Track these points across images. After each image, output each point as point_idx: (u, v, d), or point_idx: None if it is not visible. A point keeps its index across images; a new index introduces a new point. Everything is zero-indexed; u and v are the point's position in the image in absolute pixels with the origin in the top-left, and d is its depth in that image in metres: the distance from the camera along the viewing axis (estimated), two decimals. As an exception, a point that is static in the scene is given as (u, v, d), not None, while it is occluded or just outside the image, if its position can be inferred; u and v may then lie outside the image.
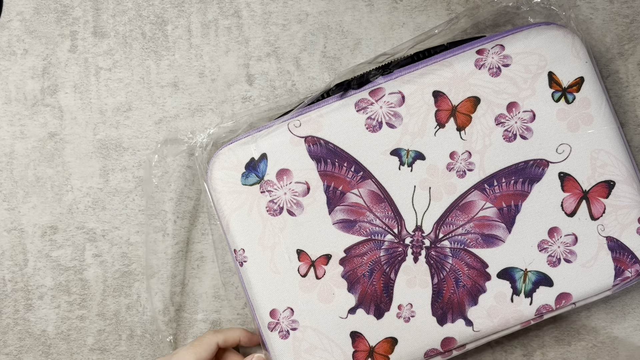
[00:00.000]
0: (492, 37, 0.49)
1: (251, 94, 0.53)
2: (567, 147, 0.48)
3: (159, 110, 0.53)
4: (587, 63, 0.48)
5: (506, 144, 0.48)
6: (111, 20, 0.53)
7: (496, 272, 0.48)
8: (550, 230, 0.48)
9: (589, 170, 0.48)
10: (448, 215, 0.49)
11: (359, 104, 0.48)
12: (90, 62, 0.53)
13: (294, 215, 0.49)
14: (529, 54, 0.48)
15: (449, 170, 0.48)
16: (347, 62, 0.53)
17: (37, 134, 0.53)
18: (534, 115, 0.48)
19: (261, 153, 0.49)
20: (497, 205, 0.48)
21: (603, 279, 0.48)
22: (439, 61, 0.48)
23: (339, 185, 0.49)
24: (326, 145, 0.49)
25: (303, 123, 0.49)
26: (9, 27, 0.53)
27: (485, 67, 0.48)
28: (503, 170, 0.48)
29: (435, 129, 0.48)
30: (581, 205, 0.48)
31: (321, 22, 0.53)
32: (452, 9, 0.53)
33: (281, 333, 0.49)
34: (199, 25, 0.53)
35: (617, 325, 0.53)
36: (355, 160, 0.49)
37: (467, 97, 0.48)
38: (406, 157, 0.48)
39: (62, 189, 0.53)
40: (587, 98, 0.48)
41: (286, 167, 0.49)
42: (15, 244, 0.53)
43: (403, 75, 0.48)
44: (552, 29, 0.48)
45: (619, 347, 0.53)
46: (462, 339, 0.48)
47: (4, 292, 0.53)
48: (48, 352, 0.53)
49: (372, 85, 0.49)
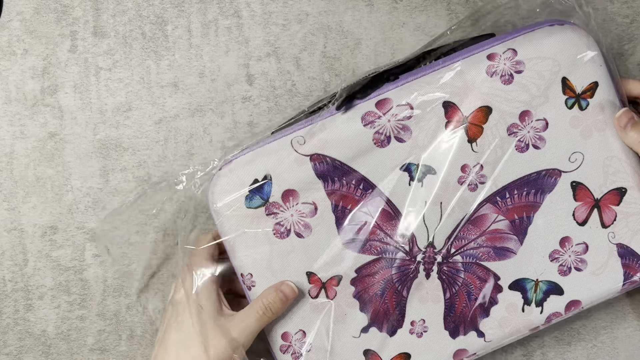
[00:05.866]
0: (502, 38, 0.47)
1: (251, 94, 0.53)
2: (579, 155, 0.47)
3: (159, 110, 0.53)
4: (601, 67, 0.46)
5: (518, 155, 0.46)
6: (111, 20, 0.53)
7: (508, 284, 0.48)
8: (562, 240, 0.47)
9: (601, 178, 0.47)
10: (460, 230, 0.47)
11: (366, 118, 0.46)
12: (90, 62, 0.53)
13: (302, 237, 0.47)
14: (542, 59, 0.46)
15: (460, 184, 0.47)
16: (347, 62, 0.53)
17: (37, 134, 0.53)
18: (547, 124, 0.46)
19: (265, 174, 0.47)
20: (509, 217, 0.47)
21: (612, 284, 0.48)
22: (447, 65, 0.46)
23: (347, 204, 0.47)
24: (333, 162, 0.47)
25: (307, 140, 0.46)
26: (9, 27, 0.53)
27: (497, 74, 0.46)
28: (515, 182, 0.47)
29: (445, 142, 0.47)
30: (592, 213, 0.47)
31: (321, 22, 0.53)
32: (452, 9, 0.53)
33: (294, 355, 0.48)
34: (199, 25, 0.53)
35: (617, 325, 0.53)
36: (364, 178, 0.47)
37: (478, 107, 0.46)
38: (416, 172, 0.47)
39: (62, 189, 0.53)
40: (600, 104, 0.46)
41: (292, 187, 0.47)
42: (15, 244, 0.53)
43: (410, 81, 0.46)
44: (566, 30, 0.46)
45: (619, 347, 0.53)
46: (473, 350, 0.48)
47: (4, 292, 0.53)
48: (48, 352, 0.53)
49: (377, 93, 0.46)
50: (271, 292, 0.46)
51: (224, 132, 0.53)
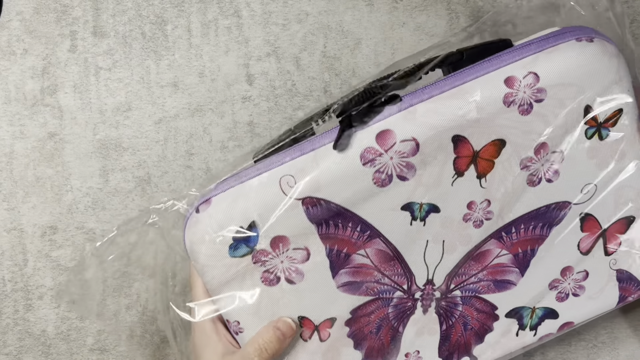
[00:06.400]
0: (521, 52, 0.41)
1: (251, 94, 0.53)
2: (592, 187, 0.43)
3: (158, 110, 0.53)
4: (629, 91, 0.41)
5: (529, 189, 0.42)
6: (111, 20, 0.53)
7: (505, 313, 0.46)
8: (564, 269, 0.45)
9: (611, 209, 0.44)
10: (461, 267, 0.44)
11: (365, 156, 0.40)
12: (90, 62, 0.53)
13: (294, 283, 0.43)
14: (566, 86, 0.40)
15: (465, 222, 0.43)
16: (347, 62, 0.53)
17: (37, 134, 0.53)
18: (563, 156, 0.42)
19: (251, 221, 0.41)
20: (512, 252, 0.44)
21: (606, 306, 0.47)
22: (458, 86, 0.40)
23: (343, 248, 0.42)
24: (327, 205, 0.41)
25: (298, 180, 0.41)
26: (8, 27, 0.53)
27: (516, 104, 0.40)
28: (523, 217, 0.43)
29: (452, 178, 0.42)
30: (597, 242, 0.45)
31: (321, 21, 0.53)
32: (452, 9, 0.53)
33: None
34: (198, 25, 0.53)
35: (618, 325, 0.53)
36: (362, 220, 0.42)
37: (491, 140, 0.41)
38: (419, 211, 0.42)
39: (62, 189, 0.53)
40: (622, 133, 0.42)
41: (281, 234, 0.42)
42: (15, 244, 0.53)
43: (416, 105, 0.41)
44: (595, 51, 0.40)
45: (619, 347, 0.53)
46: None
47: (4, 292, 0.53)
48: (48, 352, 0.53)
49: (378, 119, 0.41)
50: (267, 331, 0.42)
51: (224, 132, 0.53)
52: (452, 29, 0.53)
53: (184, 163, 0.53)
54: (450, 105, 0.40)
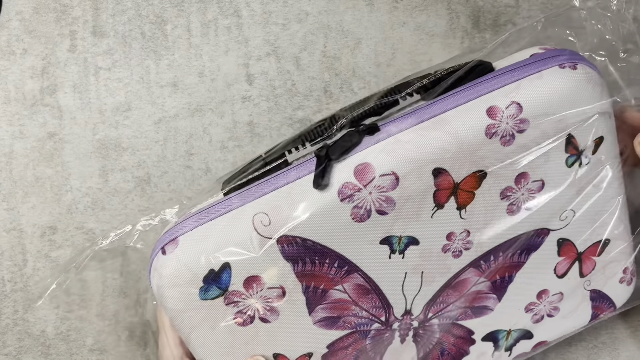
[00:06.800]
0: (504, 78, 0.40)
1: (251, 94, 0.53)
2: (571, 212, 0.43)
3: (158, 110, 0.53)
4: (610, 118, 0.41)
5: (509, 218, 0.42)
6: (110, 19, 0.53)
7: (481, 337, 0.46)
8: (540, 292, 0.45)
9: (587, 234, 0.44)
10: (439, 296, 0.43)
11: (344, 191, 0.38)
12: (90, 61, 0.53)
13: (268, 322, 0.41)
14: (549, 116, 0.39)
15: (444, 252, 0.42)
16: (347, 62, 0.53)
17: (36, 134, 0.53)
18: (543, 184, 0.41)
19: (222, 262, 0.39)
20: (490, 279, 0.44)
21: (579, 324, 0.47)
22: (438, 115, 0.39)
23: (320, 284, 0.41)
24: (304, 243, 0.39)
25: (273, 219, 0.39)
26: (8, 26, 0.53)
27: (498, 135, 0.39)
28: (501, 245, 0.42)
29: (432, 210, 0.40)
30: (573, 266, 0.45)
31: (321, 21, 0.53)
32: (452, 9, 0.53)
33: None
34: (198, 24, 0.53)
35: (618, 325, 0.53)
36: (339, 255, 0.40)
37: (472, 172, 0.40)
38: (398, 244, 0.41)
39: (62, 189, 0.53)
40: (601, 159, 0.42)
41: (255, 273, 0.39)
42: (14, 244, 0.53)
43: (395, 135, 0.39)
44: (580, 79, 0.40)
45: (619, 348, 0.53)
46: None
47: (3, 293, 0.53)
48: (47, 353, 0.53)
49: (356, 152, 0.39)
50: None
51: (224, 132, 0.53)
52: (453, 29, 0.53)
53: (183, 163, 0.53)
54: (431, 136, 0.39)
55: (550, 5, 0.52)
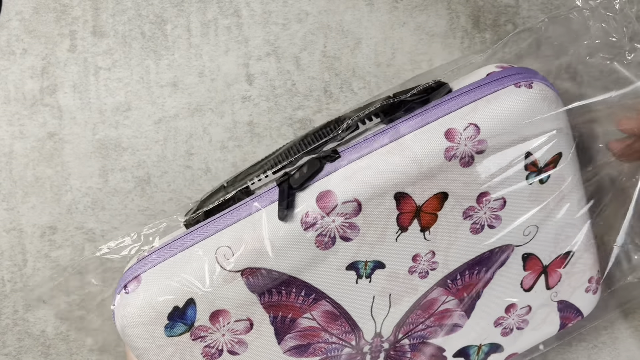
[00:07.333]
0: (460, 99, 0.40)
1: (251, 94, 0.53)
2: (534, 227, 0.43)
3: (158, 110, 0.53)
4: (567, 135, 0.42)
5: (472, 237, 0.42)
6: (110, 19, 0.53)
7: (452, 353, 0.46)
8: (508, 307, 0.46)
9: (552, 247, 0.45)
10: (409, 316, 0.44)
11: (307, 220, 0.39)
12: (90, 61, 0.53)
13: (237, 354, 0.41)
14: (507, 135, 0.40)
15: (411, 274, 0.42)
16: (347, 62, 0.53)
17: (36, 134, 0.53)
18: (504, 202, 0.42)
19: (186, 298, 0.38)
20: (458, 297, 0.44)
21: (548, 334, 0.48)
22: (397, 139, 0.39)
23: (288, 314, 0.41)
24: (269, 274, 0.39)
25: (236, 252, 0.38)
26: (8, 26, 0.53)
27: (457, 157, 0.40)
28: (467, 263, 0.43)
29: (396, 234, 0.41)
30: (539, 279, 0.45)
31: (321, 21, 0.53)
32: (452, 8, 0.53)
33: None
34: (198, 24, 0.53)
35: (618, 325, 0.53)
36: (306, 284, 0.40)
37: (434, 194, 0.40)
38: (364, 269, 0.41)
39: (61, 189, 0.53)
40: (562, 175, 0.42)
41: (221, 307, 0.39)
42: (14, 244, 0.53)
43: (355, 161, 0.39)
44: (535, 97, 0.40)
45: (619, 348, 0.53)
46: None
47: (3, 293, 0.53)
48: (47, 353, 0.53)
49: (317, 180, 0.39)
50: None
51: (224, 132, 0.53)
52: (453, 29, 0.52)
53: (183, 163, 0.53)
54: (391, 161, 0.39)
55: (550, 5, 0.52)
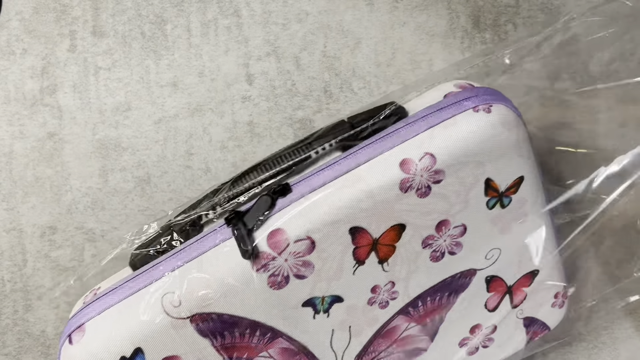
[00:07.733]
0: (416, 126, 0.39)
1: (251, 94, 0.53)
2: (497, 251, 0.42)
3: (158, 110, 0.53)
4: (529, 159, 0.40)
5: (433, 264, 0.41)
6: (110, 19, 0.53)
7: None
8: (472, 327, 0.45)
9: (515, 268, 0.43)
10: (370, 346, 0.42)
11: (257, 262, 0.37)
12: (90, 61, 0.53)
13: None
14: (465, 164, 0.38)
15: (371, 305, 0.41)
16: (347, 62, 0.53)
17: (36, 134, 0.53)
18: (465, 229, 0.41)
19: (134, 348, 0.36)
20: (421, 322, 0.43)
21: (515, 349, 0.47)
22: (351, 171, 0.38)
23: (243, 354, 0.39)
24: (220, 318, 0.37)
25: (183, 299, 0.36)
26: (7, 26, 0.53)
27: (413, 188, 0.38)
28: (428, 290, 0.42)
29: (354, 267, 0.39)
30: (504, 299, 0.44)
31: (321, 21, 0.53)
32: (452, 8, 0.53)
33: None
34: (198, 24, 0.53)
35: (618, 325, 0.53)
36: (260, 324, 0.38)
37: (390, 226, 0.39)
38: (321, 304, 0.40)
39: (61, 189, 0.53)
40: (523, 198, 0.41)
41: (172, 354, 0.37)
42: (14, 244, 0.53)
43: (307, 195, 0.38)
44: (494, 121, 0.38)
45: (619, 348, 0.53)
46: None
47: (3, 293, 0.53)
48: (47, 353, 0.53)
49: (269, 217, 0.37)
50: None
51: (224, 132, 0.53)
52: (453, 29, 0.52)
53: (183, 163, 0.53)
54: (344, 195, 0.37)
55: (550, 5, 0.52)
